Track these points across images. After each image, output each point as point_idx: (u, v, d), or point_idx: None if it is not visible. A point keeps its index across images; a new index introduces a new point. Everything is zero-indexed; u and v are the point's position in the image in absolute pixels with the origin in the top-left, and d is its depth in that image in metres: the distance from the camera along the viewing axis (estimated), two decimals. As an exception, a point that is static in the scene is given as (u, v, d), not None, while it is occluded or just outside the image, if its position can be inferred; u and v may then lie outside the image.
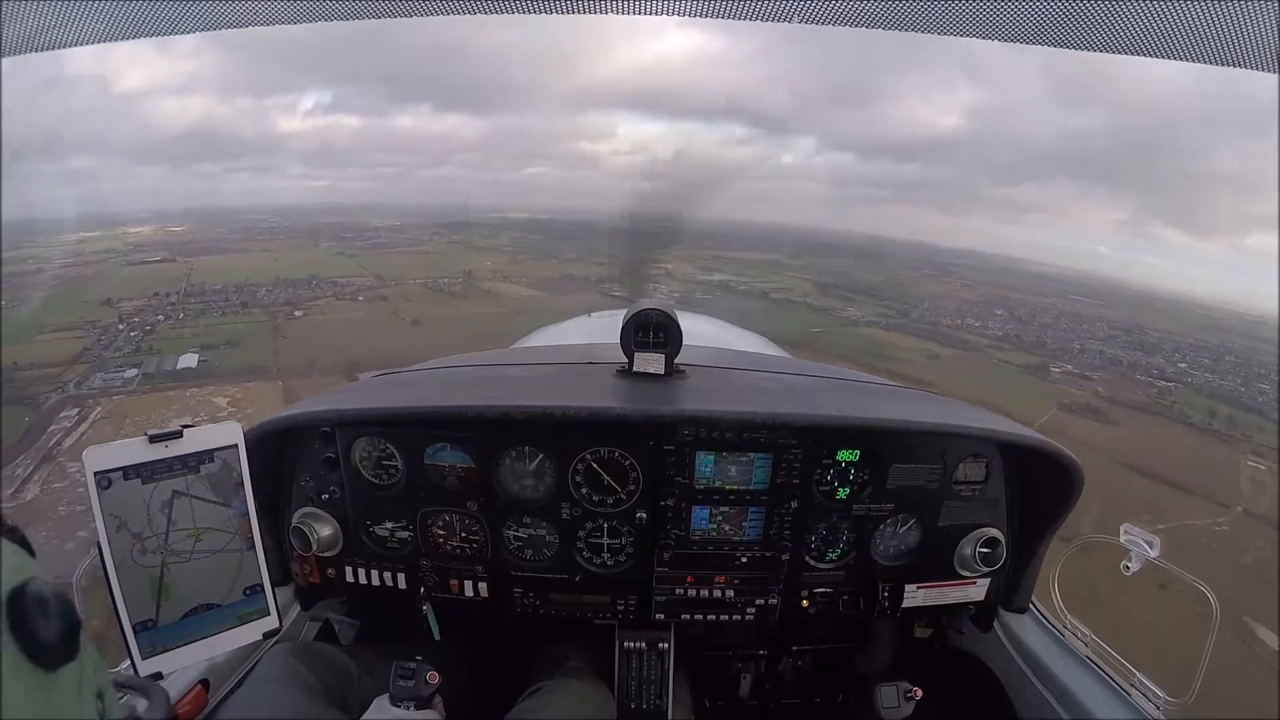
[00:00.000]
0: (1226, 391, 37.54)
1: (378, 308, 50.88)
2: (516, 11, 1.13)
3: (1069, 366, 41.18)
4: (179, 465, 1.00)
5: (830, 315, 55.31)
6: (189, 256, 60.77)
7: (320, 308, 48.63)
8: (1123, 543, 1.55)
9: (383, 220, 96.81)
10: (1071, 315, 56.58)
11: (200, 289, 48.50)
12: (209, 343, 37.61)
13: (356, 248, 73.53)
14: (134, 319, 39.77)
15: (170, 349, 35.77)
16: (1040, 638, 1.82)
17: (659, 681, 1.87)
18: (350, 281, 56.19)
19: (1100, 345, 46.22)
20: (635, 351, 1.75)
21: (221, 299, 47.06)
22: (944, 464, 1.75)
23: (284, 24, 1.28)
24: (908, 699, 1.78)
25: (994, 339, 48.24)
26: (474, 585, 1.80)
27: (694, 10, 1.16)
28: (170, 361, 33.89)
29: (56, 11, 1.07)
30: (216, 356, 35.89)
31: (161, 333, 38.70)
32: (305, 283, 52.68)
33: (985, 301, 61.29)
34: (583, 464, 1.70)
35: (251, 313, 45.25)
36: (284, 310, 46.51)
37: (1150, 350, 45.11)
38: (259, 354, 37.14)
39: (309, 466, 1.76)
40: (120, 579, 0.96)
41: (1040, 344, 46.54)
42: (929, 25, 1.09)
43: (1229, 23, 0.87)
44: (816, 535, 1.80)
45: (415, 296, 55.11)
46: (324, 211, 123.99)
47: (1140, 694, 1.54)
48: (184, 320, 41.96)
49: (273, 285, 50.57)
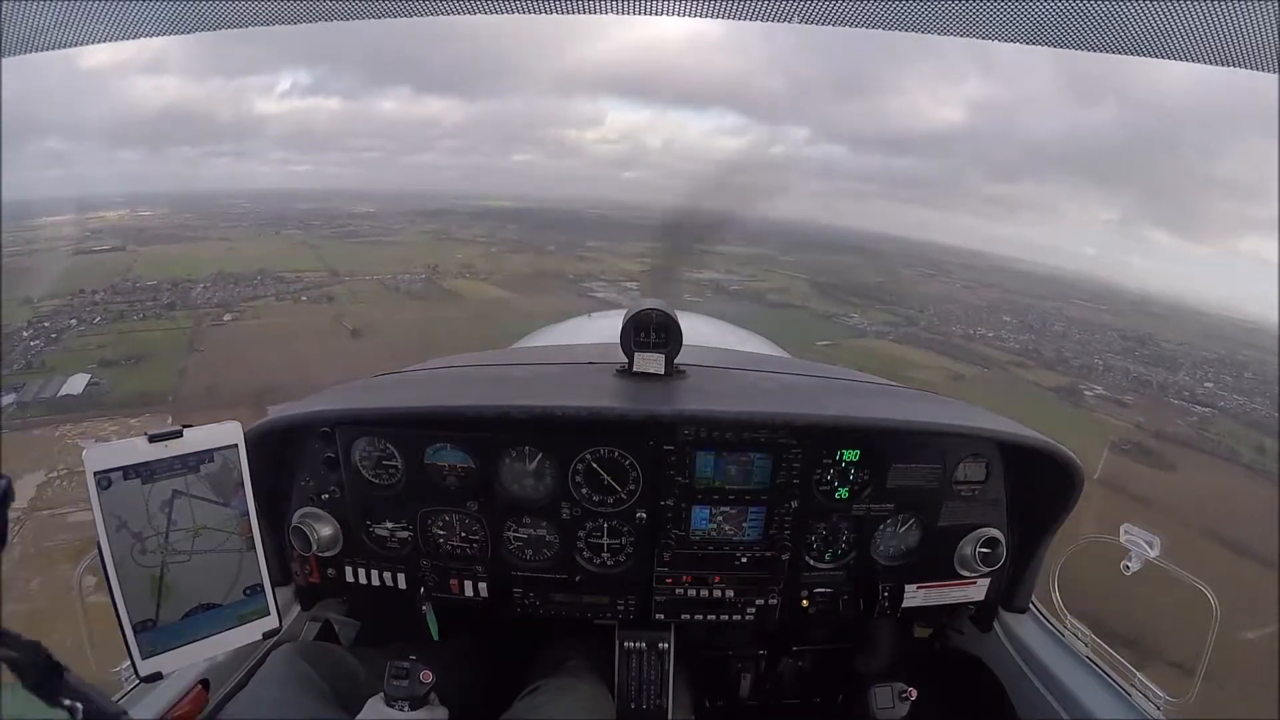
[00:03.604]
0: (1260, 418, 35.15)
1: (319, 312, 45.34)
2: (516, 12, 1.13)
3: (1099, 389, 38.89)
4: (179, 465, 1.00)
5: (835, 323, 51.31)
6: (142, 245, 55.90)
7: (255, 310, 43.48)
8: (1123, 543, 1.55)
9: (358, 207, 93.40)
10: (1080, 322, 54.82)
11: (130, 286, 42.99)
12: (110, 357, 31.50)
13: (321, 237, 69.57)
14: (44, 324, 33.78)
15: (68, 364, 29.61)
16: (1040, 638, 1.82)
17: (659, 681, 1.86)
18: (300, 277, 50.87)
19: (1121, 360, 44.13)
20: (635, 351, 1.75)
21: (150, 298, 41.35)
22: (944, 464, 1.75)
23: (283, 24, 1.28)
24: (902, 699, 1.78)
25: (1013, 353, 45.62)
26: (474, 585, 1.79)
27: (694, 10, 1.16)
28: (56, 384, 27.02)
29: (56, 11, 1.07)
30: (113, 377, 29.73)
31: (67, 343, 33.04)
32: (250, 279, 47.36)
33: (990, 306, 59.26)
34: (583, 464, 1.70)
35: (175, 317, 39.74)
36: (213, 313, 41.32)
37: (1171, 365, 42.80)
38: (162, 375, 31.11)
39: (309, 466, 1.76)
40: (120, 579, 0.96)
41: (1061, 359, 44.36)
42: (929, 25, 1.09)
43: (1229, 23, 0.87)
44: (816, 535, 1.80)
45: (366, 297, 49.84)
46: (299, 197, 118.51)
47: (1140, 694, 1.54)
48: (98, 325, 36.14)
49: (212, 281, 45.36)
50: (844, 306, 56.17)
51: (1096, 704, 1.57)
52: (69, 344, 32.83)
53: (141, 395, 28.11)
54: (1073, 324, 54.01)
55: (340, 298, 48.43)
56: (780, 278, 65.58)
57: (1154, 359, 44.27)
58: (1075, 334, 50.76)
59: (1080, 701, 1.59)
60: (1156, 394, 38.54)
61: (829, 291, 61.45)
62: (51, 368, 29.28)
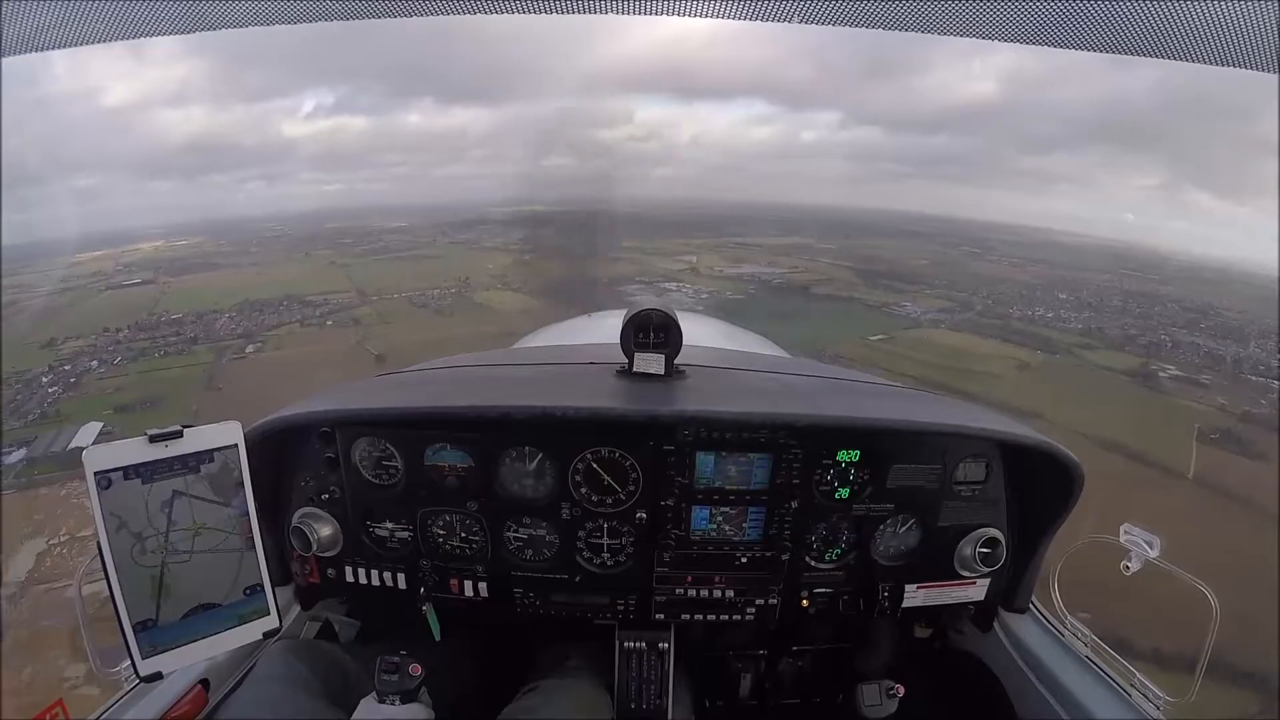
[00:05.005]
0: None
1: (345, 335, 43.80)
2: (519, 12, 1.13)
3: (1173, 369, 36.36)
4: (179, 465, 1.00)
5: (887, 314, 47.91)
6: (173, 276, 55.47)
7: (279, 339, 42.05)
8: (1123, 542, 1.55)
9: (390, 222, 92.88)
10: (1137, 295, 51.62)
11: (154, 321, 41.77)
12: (125, 402, 29.37)
13: (352, 255, 69.21)
14: (65, 367, 31.90)
15: (83, 411, 27.46)
16: (1040, 638, 1.82)
17: (659, 681, 1.86)
18: (327, 300, 49.69)
19: (1187, 335, 41.20)
20: (635, 352, 1.74)
21: (174, 332, 40.11)
22: (944, 464, 1.75)
23: (283, 24, 1.28)
24: (890, 696, 1.78)
25: (1076, 334, 42.85)
26: (474, 585, 1.79)
27: (694, 10, 1.16)
28: (67, 436, 24.17)
29: (56, 11, 1.07)
30: (125, 424, 26.77)
31: (86, 385, 31.05)
32: (275, 305, 46.21)
33: (1044, 283, 55.70)
34: (583, 464, 1.70)
35: (195, 352, 38.33)
36: (235, 345, 39.63)
37: (1239, 338, 39.81)
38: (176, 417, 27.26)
39: (309, 466, 1.76)
40: (120, 579, 0.96)
41: (1128, 338, 41.59)
42: (929, 25, 1.09)
43: (1229, 23, 0.88)
44: (816, 535, 1.80)
45: (395, 316, 48.50)
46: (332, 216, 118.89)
47: (1140, 694, 1.54)
48: (118, 366, 34.37)
49: (238, 310, 44.30)
50: (894, 295, 52.82)
51: (1096, 704, 1.57)
52: (87, 388, 31.07)
53: (152, 443, 26.42)
54: (1130, 297, 51.46)
55: (366, 320, 47.18)
56: (823, 267, 62.74)
57: (1219, 330, 41.64)
58: (1135, 308, 48.21)
59: (1080, 701, 1.59)
60: (1231, 370, 35.88)
61: (875, 280, 57.92)
62: (65, 416, 27.38)
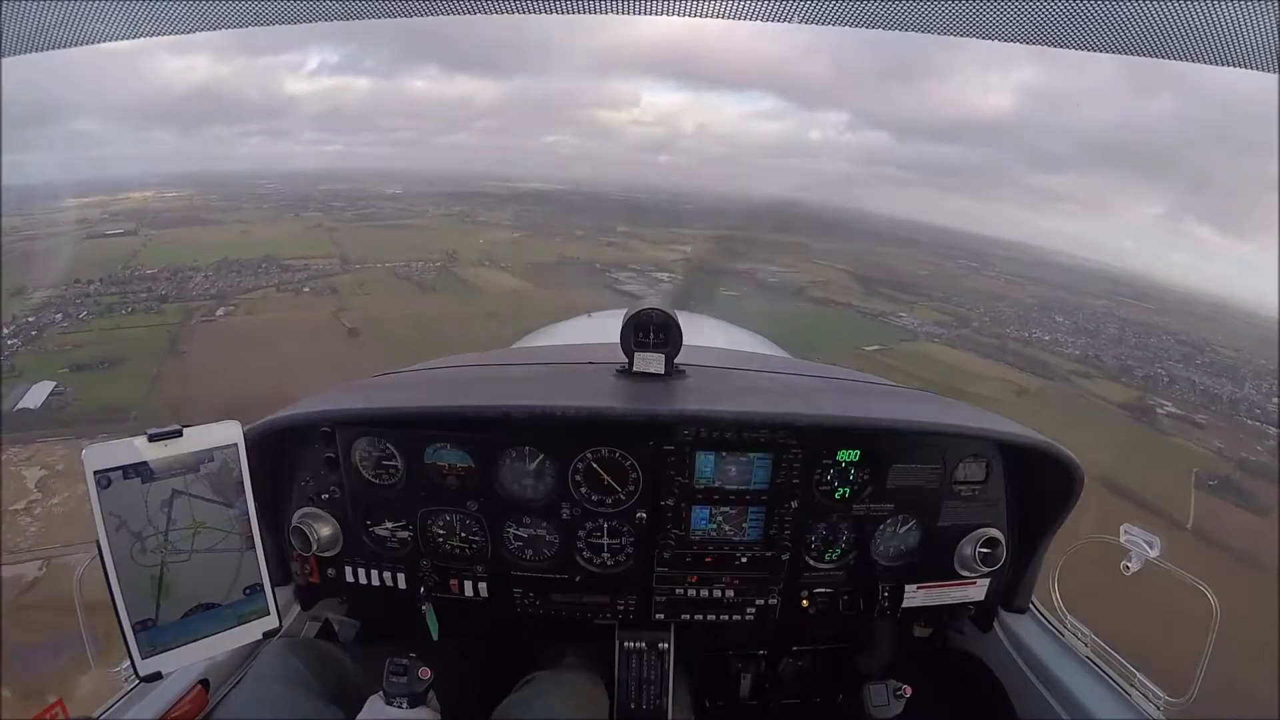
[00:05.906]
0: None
1: (321, 304, 41.30)
2: (519, 11, 1.13)
3: (1170, 405, 35.77)
4: (178, 464, 1.00)
5: (883, 324, 46.88)
6: (156, 229, 52.71)
7: (252, 303, 39.89)
8: (1123, 543, 1.55)
9: (385, 188, 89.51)
10: (1134, 325, 51.12)
11: (127, 275, 39.43)
12: (84, 360, 27.40)
13: (341, 219, 65.67)
14: (29, 319, 29.69)
15: (40, 368, 25.91)
16: (1040, 638, 1.82)
17: (659, 681, 1.86)
18: (307, 265, 46.68)
19: (1183, 370, 40.75)
20: (635, 351, 1.74)
21: (145, 288, 37.76)
22: (944, 464, 1.75)
23: (284, 24, 1.28)
24: (897, 697, 1.78)
25: (1072, 360, 42.34)
26: (474, 585, 1.79)
27: (694, 10, 1.16)
28: (17, 395, 23.28)
29: (56, 11, 1.07)
30: (80, 385, 25.37)
31: (46, 340, 29.09)
32: (253, 267, 43.68)
33: (1040, 304, 54.79)
34: (583, 464, 1.70)
35: (164, 311, 35.90)
36: (206, 307, 37.51)
37: (1235, 377, 39.39)
38: (134, 382, 26.97)
39: (309, 466, 1.76)
40: (120, 578, 0.96)
41: (1125, 369, 41.17)
42: (932, 26, 1.09)
43: (1229, 23, 0.87)
44: (816, 535, 1.80)
45: (375, 287, 45.79)
46: (328, 177, 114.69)
47: (1140, 694, 1.54)
48: (83, 321, 32.16)
49: (215, 269, 41.84)
50: (891, 304, 51.74)
51: (1096, 704, 1.57)
52: (46, 343, 29.26)
53: (104, 410, 24.02)
54: (1126, 326, 50.95)
55: (344, 289, 44.80)
56: (820, 269, 61.17)
57: (1215, 368, 41.14)
58: (1131, 338, 47.76)
59: (1080, 701, 1.59)
60: (1228, 411, 35.44)
61: (872, 286, 56.65)
62: (20, 371, 25.88)
